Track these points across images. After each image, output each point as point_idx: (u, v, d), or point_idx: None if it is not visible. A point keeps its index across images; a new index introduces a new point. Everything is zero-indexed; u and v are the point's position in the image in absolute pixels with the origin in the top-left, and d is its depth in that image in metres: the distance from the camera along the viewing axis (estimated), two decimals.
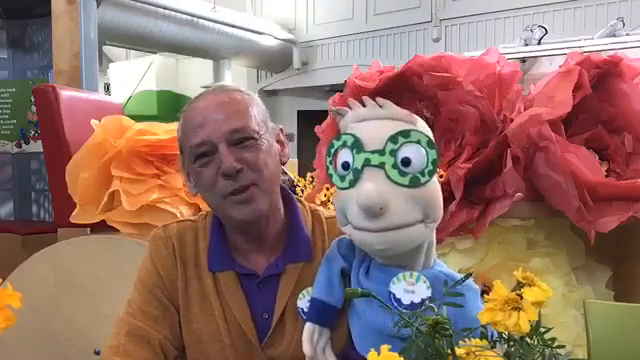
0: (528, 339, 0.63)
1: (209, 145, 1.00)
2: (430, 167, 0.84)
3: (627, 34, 4.03)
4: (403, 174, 0.84)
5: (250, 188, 1.00)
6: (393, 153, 0.84)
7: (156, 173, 2.01)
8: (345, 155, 0.87)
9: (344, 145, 0.88)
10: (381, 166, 0.84)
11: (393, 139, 0.84)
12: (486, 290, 0.78)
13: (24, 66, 4.15)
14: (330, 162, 0.90)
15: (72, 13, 3.42)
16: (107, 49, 7.45)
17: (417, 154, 0.84)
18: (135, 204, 1.93)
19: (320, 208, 1.17)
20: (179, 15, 5.81)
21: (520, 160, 1.63)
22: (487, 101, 1.71)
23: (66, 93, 2.27)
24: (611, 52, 1.94)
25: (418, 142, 0.84)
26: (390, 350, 0.56)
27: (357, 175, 0.86)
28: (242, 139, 1.00)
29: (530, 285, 0.65)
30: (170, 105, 7.82)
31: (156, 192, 1.95)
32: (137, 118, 2.26)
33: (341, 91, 1.97)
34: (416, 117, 0.90)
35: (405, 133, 0.85)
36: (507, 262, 1.69)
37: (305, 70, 7.48)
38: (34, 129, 4.03)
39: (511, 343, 0.64)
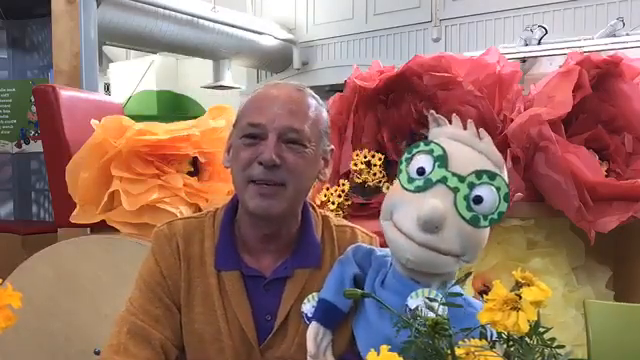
0: (528, 339, 0.63)
1: (261, 129, 1.01)
2: (494, 216, 0.86)
3: (627, 34, 4.03)
4: (469, 209, 0.85)
5: (277, 187, 1.00)
6: (471, 186, 0.85)
7: (156, 173, 2.00)
8: (425, 162, 0.88)
9: (429, 153, 0.89)
10: (454, 191, 0.85)
11: (478, 174, 0.86)
12: (486, 290, 0.78)
13: (24, 66, 4.16)
14: (406, 159, 0.91)
15: (72, 13, 3.42)
16: (107, 49, 7.44)
17: (491, 198, 0.85)
18: (135, 204, 1.92)
19: (330, 215, 1.17)
20: (179, 15, 5.80)
21: (520, 160, 1.63)
22: (487, 101, 1.71)
23: (66, 93, 2.26)
24: (611, 52, 1.94)
25: (498, 189, 0.86)
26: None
27: (428, 186, 0.87)
28: (293, 140, 1.01)
29: (529, 285, 0.65)
30: (170, 105, 7.82)
31: (156, 192, 1.95)
32: (137, 118, 2.26)
33: (341, 91, 1.97)
34: (505, 165, 0.91)
35: (491, 175, 0.86)
36: (507, 262, 1.68)
37: (305, 70, 7.47)
38: (34, 129, 4.03)
39: (511, 343, 0.64)
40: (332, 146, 1.11)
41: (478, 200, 0.85)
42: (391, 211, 0.91)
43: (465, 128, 0.92)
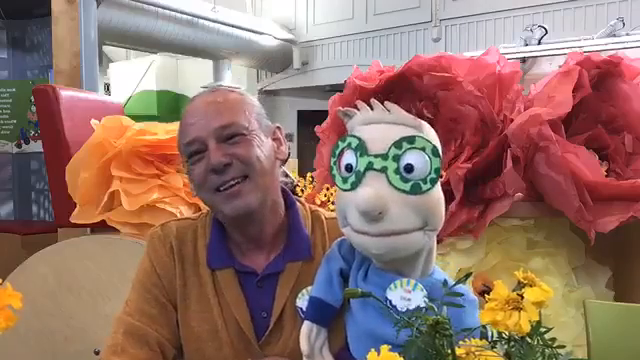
0: (528, 339, 0.63)
1: (199, 142, 1.02)
2: (433, 175, 0.84)
3: (627, 34, 4.03)
4: (405, 180, 0.83)
5: (240, 183, 1.01)
6: (396, 159, 0.84)
7: (156, 173, 2.01)
8: (349, 157, 0.87)
9: (349, 147, 0.88)
10: (383, 171, 0.84)
11: (397, 144, 0.84)
12: (486, 290, 0.77)
13: (24, 66, 4.16)
14: (334, 163, 0.90)
15: (72, 13, 3.42)
16: (107, 49, 7.44)
17: (420, 161, 0.83)
18: (135, 204, 1.93)
19: (320, 209, 1.17)
20: (179, 15, 5.81)
21: (520, 160, 1.63)
22: (487, 101, 1.71)
23: (66, 93, 2.27)
24: (611, 52, 1.94)
25: (422, 149, 0.83)
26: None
27: (359, 178, 0.85)
28: (231, 135, 1.01)
29: (531, 285, 0.65)
30: (170, 105, 7.82)
31: (156, 192, 1.95)
32: (137, 118, 2.26)
33: (341, 91, 1.97)
34: (423, 123, 0.89)
35: (410, 139, 0.84)
36: (507, 262, 1.69)
37: (305, 70, 7.48)
38: (34, 129, 4.03)
39: (511, 343, 0.64)
40: (276, 124, 1.11)
41: (409, 168, 0.83)
42: (344, 216, 0.90)
43: (372, 109, 0.91)
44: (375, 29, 6.87)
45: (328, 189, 1.89)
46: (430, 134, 0.88)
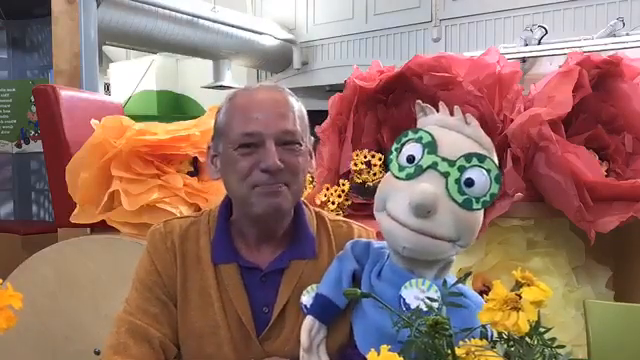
0: (528, 339, 0.63)
1: (258, 137, 1.01)
2: (487, 198, 0.86)
3: (627, 34, 4.03)
4: (461, 192, 0.85)
5: (282, 187, 1.02)
6: (461, 170, 0.86)
7: (156, 173, 2.00)
8: (414, 149, 0.89)
9: (418, 140, 0.89)
10: (445, 175, 0.86)
11: (467, 158, 0.86)
12: (486, 290, 0.78)
13: (24, 66, 4.16)
14: (396, 149, 0.91)
15: (72, 13, 3.42)
16: (107, 49, 7.44)
17: (482, 181, 0.86)
18: (135, 204, 1.92)
19: (322, 211, 1.19)
20: (179, 15, 5.80)
21: (520, 160, 1.63)
22: (487, 101, 1.71)
23: (66, 93, 2.26)
24: (611, 52, 1.94)
25: (488, 171, 0.86)
26: (391, 350, 0.56)
27: (418, 172, 0.87)
28: (289, 142, 1.02)
29: (529, 285, 0.65)
30: (170, 105, 7.82)
31: (156, 192, 1.95)
32: (137, 118, 2.26)
33: (341, 91, 1.97)
34: (493, 148, 0.91)
35: (480, 157, 0.86)
36: (507, 262, 1.69)
37: (305, 70, 7.47)
38: (34, 129, 4.03)
39: (511, 343, 0.64)
40: (312, 138, 1.14)
41: (469, 183, 0.85)
42: (384, 201, 0.91)
43: (452, 115, 0.92)
44: (375, 29, 6.85)
45: (328, 189, 1.89)
46: (496, 160, 0.90)
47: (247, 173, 1.02)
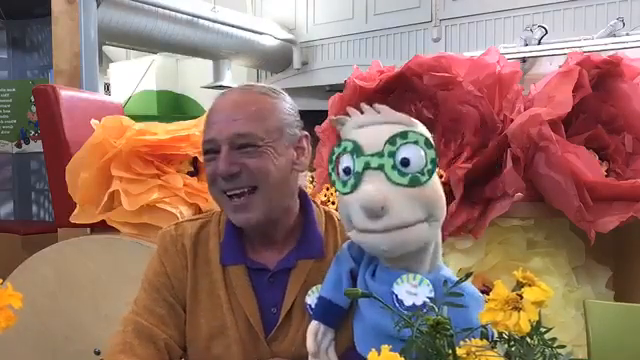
0: (528, 339, 0.63)
1: (214, 144, 1.02)
2: (429, 166, 0.85)
3: (627, 34, 4.04)
4: (403, 174, 0.85)
5: (248, 194, 1.01)
6: (392, 155, 0.85)
7: (156, 173, 2.00)
8: (346, 161, 0.89)
9: (344, 151, 0.89)
10: (381, 168, 0.85)
11: (391, 141, 0.86)
12: (486, 290, 0.78)
13: (24, 66, 4.16)
14: (332, 169, 0.92)
15: (72, 13, 3.42)
16: (107, 49, 7.44)
17: (415, 154, 0.85)
18: (135, 204, 1.92)
19: (332, 210, 1.18)
20: (179, 15, 5.80)
21: (520, 160, 1.63)
22: (487, 101, 1.71)
23: (66, 93, 2.27)
24: (611, 52, 1.94)
25: (416, 142, 0.86)
26: (391, 350, 0.56)
27: (358, 179, 0.87)
28: (245, 144, 1.01)
29: (530, 285, 0.65)
30: (170, 105, 7.81)
31: (156, 192, 1.95)
32: (137, 118, 2.26)
33: (341, 91, 1.97)
34: (414, 119, 0.91)
35: (403, 134, 0.86)
36: (507, 262, 1.68)
37: (305, 70, 7.46)
38: (34, 129, 4.03)
39: (511, 343, 0.64)
40: (304, 132, 1.11)
41: (405, 162, 0.85)
42: (349, 220, 0.91)
43: (362, 113, 0.93)
44: (375, 29, 6.85)
45: (328, 189, 1.89)
46: (422, 128, 0.90)
47: (212, 179, 1.03)
